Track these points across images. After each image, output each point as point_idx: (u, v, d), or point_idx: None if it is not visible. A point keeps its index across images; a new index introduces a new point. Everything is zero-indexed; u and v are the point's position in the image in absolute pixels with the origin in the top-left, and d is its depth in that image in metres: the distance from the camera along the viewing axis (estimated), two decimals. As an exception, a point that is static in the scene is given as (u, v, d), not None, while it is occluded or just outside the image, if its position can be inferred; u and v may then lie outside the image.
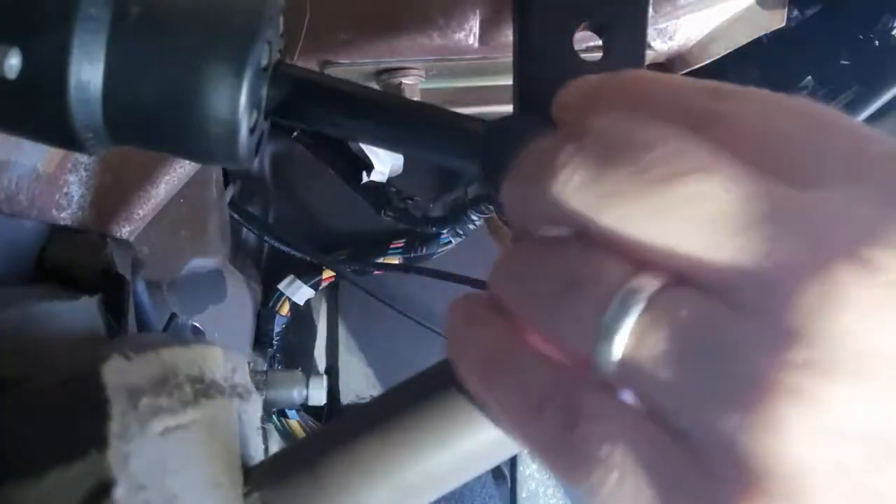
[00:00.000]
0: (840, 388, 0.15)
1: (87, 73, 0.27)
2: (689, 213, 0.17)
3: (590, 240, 0.18)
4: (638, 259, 0.17)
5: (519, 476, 0.62)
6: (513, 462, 0.62)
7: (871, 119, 0.60)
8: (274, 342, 0.96)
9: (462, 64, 0.60)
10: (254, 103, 0.28)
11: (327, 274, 0.96)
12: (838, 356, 0.15)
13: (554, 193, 0.18)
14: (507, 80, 0.36)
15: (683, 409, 0.16)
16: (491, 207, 0.86)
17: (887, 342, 0.15)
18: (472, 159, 0.29)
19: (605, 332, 0.17)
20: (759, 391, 0.15)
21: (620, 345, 0.17)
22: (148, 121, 0.28)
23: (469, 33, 0.55)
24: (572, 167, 0.18)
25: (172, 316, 0.54)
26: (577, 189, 0.18)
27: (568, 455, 0.18)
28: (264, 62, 0.28)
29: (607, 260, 0.18)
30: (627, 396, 0.18)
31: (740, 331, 0.16)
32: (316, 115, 0.30)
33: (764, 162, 0.18)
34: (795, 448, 0.15)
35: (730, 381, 0.15)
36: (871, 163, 0.17)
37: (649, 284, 0.17)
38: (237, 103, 0.27)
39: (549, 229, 0.20)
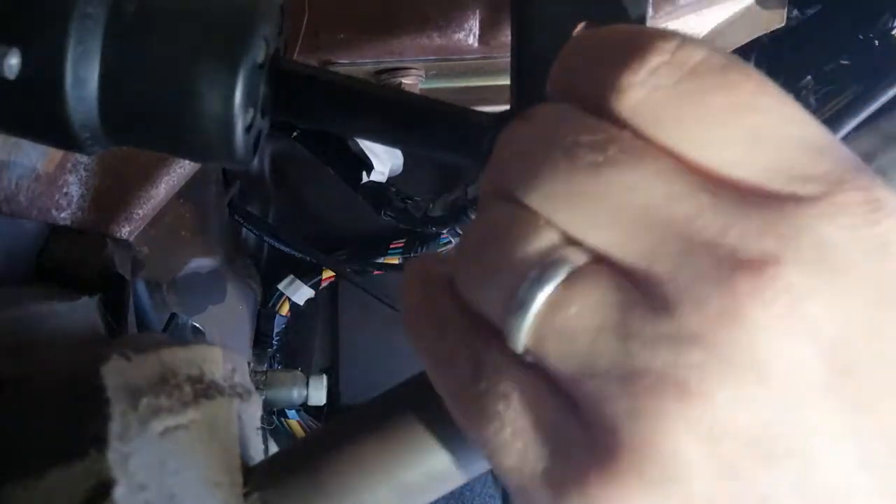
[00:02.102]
0: (725, 392, 0.16)
1: (84, 71, 0.27)
2: (614, 201, 0.17)
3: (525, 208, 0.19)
4: (570, 236, 0.18)
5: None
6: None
7: (871, 119, 0.59)
8: (274, 342, 0.95)
9: (462, 64, 0.60)
10: (250, 101, 0.28)
11: (327, 274, 0.96)
12: (730, 363, 0.16)
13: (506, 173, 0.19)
14: (507, 80, 0.36)
15: (581, 384, 0.17)
16: (491, 207, 0.86)
17: (778, 357, 0.16)
18: (472, 155, 0.29)
19: (520, 302, 0.18)
20: (651, 382, 0.16)
21: (532, 314, 0.18)
22: (144, 119, 0.28)
23: (469, 33, 0.55)
24: (514, 147, 0.19)
25: (172, 316, 0.54)
26: (518, 168, 0.19)
27: (469, 406, 0.19)
28: (261, 60, 0.28)
29: (540, 227, 0.18)
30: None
31: (647, 322, 0.16)
32: (316, 112, 0.30)
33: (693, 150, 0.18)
34: (671, 438, 0.16)
35: (627, 368, 0.16)
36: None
37: (574, 258, 0.18)
38: (232, 100, 0.27)
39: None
